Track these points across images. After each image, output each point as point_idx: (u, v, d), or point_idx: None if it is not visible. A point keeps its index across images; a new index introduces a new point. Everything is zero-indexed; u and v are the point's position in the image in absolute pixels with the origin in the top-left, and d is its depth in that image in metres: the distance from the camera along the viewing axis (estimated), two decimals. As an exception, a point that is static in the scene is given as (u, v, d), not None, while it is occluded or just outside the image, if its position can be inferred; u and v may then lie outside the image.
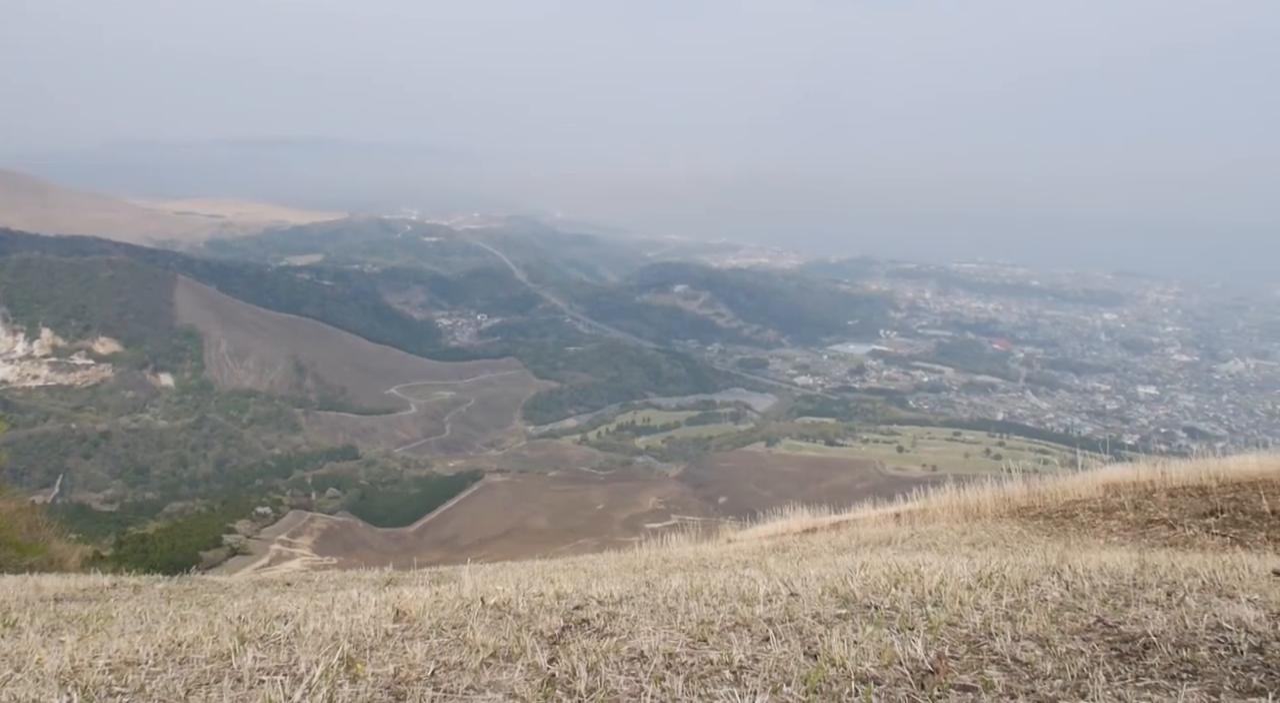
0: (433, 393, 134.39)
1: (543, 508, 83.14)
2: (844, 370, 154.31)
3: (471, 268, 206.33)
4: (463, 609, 3.97)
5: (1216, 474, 11.12)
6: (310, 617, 3.89)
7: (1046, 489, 12.14)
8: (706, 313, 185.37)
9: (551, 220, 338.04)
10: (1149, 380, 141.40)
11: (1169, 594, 3.69)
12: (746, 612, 3.64)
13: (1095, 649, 3.00)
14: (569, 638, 3.39)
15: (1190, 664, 2.81)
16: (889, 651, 2.96)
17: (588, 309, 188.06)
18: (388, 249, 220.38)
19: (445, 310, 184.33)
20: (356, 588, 6.07)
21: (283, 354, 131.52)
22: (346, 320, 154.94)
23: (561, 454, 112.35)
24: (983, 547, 8.45)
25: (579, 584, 4.86)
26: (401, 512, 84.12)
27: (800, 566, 5.82)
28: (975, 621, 3.34)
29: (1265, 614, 3.27)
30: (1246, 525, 8.79)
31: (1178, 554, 6.11)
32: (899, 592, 3.91)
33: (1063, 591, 3.84)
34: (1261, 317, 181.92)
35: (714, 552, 10.04)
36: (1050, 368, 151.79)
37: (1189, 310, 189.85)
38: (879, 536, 10.55)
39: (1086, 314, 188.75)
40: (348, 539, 72.91)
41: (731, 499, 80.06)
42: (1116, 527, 9.69)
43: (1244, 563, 4.71)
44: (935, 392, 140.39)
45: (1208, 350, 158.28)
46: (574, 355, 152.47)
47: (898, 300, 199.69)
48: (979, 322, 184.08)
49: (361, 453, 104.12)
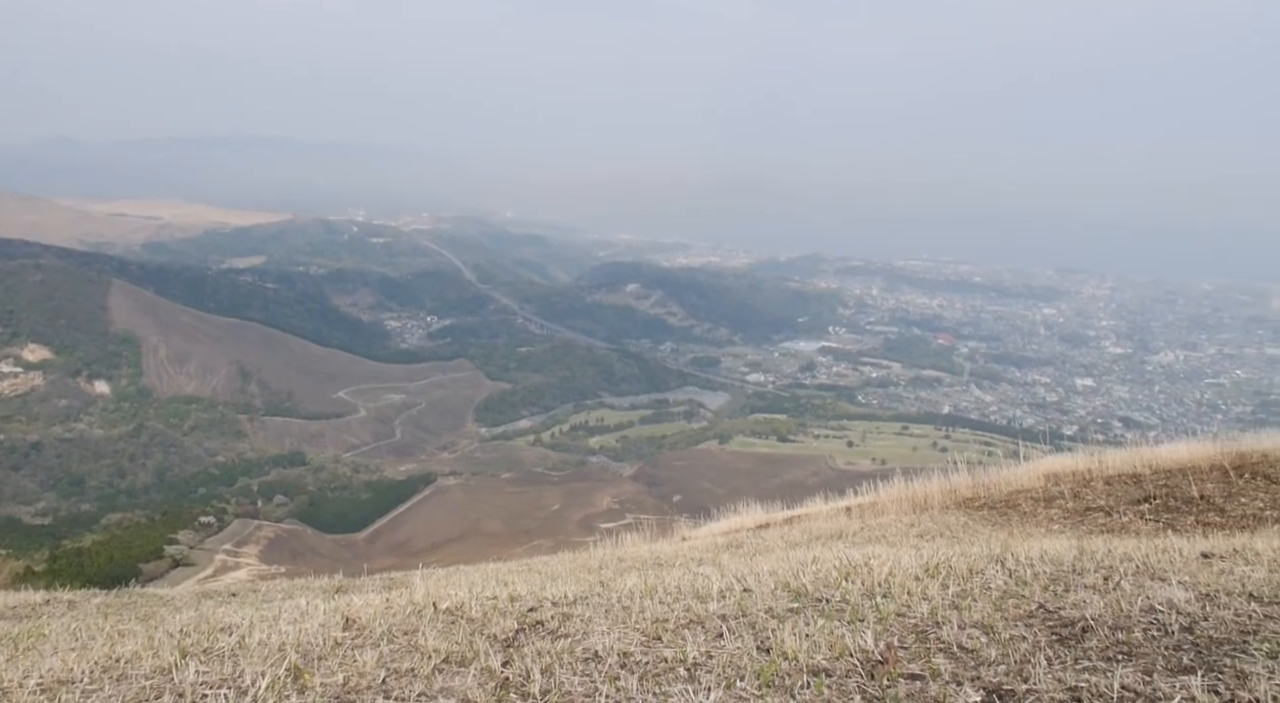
0: (382, 396, 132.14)
1: (497, 510, 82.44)
2: (795, 367, 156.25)
3: (420, 269, 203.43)
4: (414, 615, 3.91)
5: (1149, 462, 11.55)
6: (256, 628, 3.78)
7: (991, 480, 12.46)
8: (658, 312, 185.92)
9: (501, 220, 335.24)
10: (1086, 372, 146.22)
11: (1106, 579, 3.82)
12: (700, 609, 3.66)
13: (1037, 634, 3.09)
14: (523, 641, 3.36)
15: (1126, 646, 2.92)
16: (840, 643, 3.01)
17: (539, 309, 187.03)
18: (333, 250, 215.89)
19: (394, 312, 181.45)
20: (305, 597, 5.94)
21: (225, 359, 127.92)
22: (292, 323, 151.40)
23: (515, 456, 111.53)
24: (930, 538, 8.64)
25: (533, 586, 4.83)
26: (352, 518, 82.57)
27: (753, 561, 5.87)
28: (923, 610, 3.42)
29: (1194, 595, 3.41)
30: (1177, 511, 9.15)
31: (1114, 540, 6.33)
32: (849, 585, 3.98)
33: (1006, 578, 3.95)
34: (1189, 310, 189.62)
35: (669, 550, 10.08)
36: (993, 362, 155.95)
37: (1123, 304, 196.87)
38: (831, 529, 10.70)
39: (1027, 309, 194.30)
40: (296, 547, 71.27)
41: (686, 497, 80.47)
42: (1057, 515, 10.00)
43: (1175, 547, 4.90)
44: (883, 387, 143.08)
45: (1140, 343, 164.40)
46: (526, 356, 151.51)
47: (846, 297, 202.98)
48: (924, 317, 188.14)
49: (309, 459, 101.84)
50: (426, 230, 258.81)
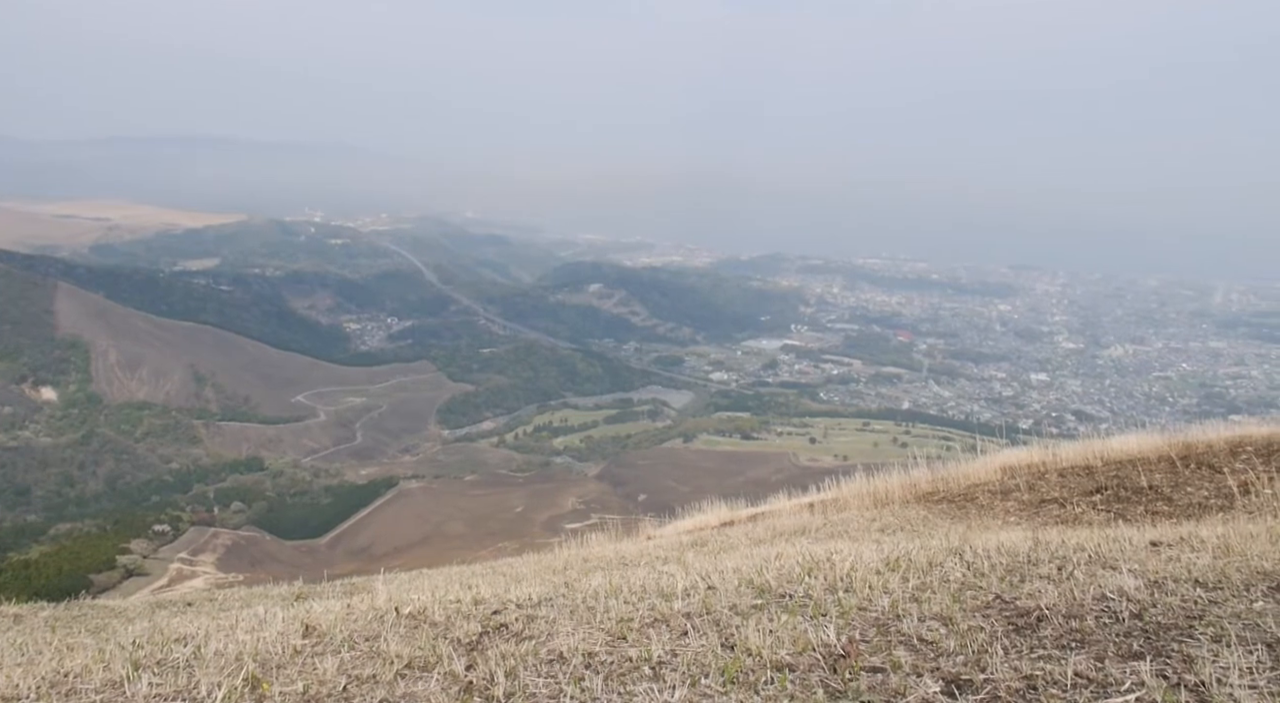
0: (343, 399, 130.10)
1: (460, 513, 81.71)
2: (758, 365, 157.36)
3: (380, 270, 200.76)
4: (376, 620, 3.86)
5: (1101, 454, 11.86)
6: (212, 637, 3.70)
7: (949, 474, 12.68)
8: (622, 312, 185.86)
9: (462, 221, 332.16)
10: (1040, 367, 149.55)
11: (1059, 569, 3.92)
12: (665, 607, 3.67)
13: (994, 625, 3.15)
14: (487, 644, 3.34)
15: (1079, 634, 2.99)
16: (803, 638, 3.04)
17: (502, 310, 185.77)
18: (290, 252, 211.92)
19: (353, 314, 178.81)
20: (264, 604, 5.82)
21: (179, 363, 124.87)
22: (248, 326, 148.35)
23: (478, 458, 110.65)
24: (891, 532, 8.77)
25: (497, 589, 4.79)
26: (312, 523, 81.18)
27: (718, 559, 5.90)
28: (884, 604, 3.46)
29: (1144, 583, 3.51)
30: (1128, 501, 9.41)
31: (1068, 531, 6.48)
32: (812, 580, 4.02)
33: (964, 571, 4.02)
34: (1137, 305, 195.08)
35: (634, 549, 10.08)
36: (951, 358, 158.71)
37: (1074, 300, 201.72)
38: (794, 526, 10.80)
39: (983, 306, 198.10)
40: (255, 554, 69.86)
41: (651, 496, 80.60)
42: (1013, 507, 10.21)
43: (1125, 536, 5.04)
44: (845, 384, 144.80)
45: (1091, 338, 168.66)
46: (489, 357, 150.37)
47: (807, 296, 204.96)
48: (884, 315, 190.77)
49: (268, 464, 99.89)
50: (386, 231, 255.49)
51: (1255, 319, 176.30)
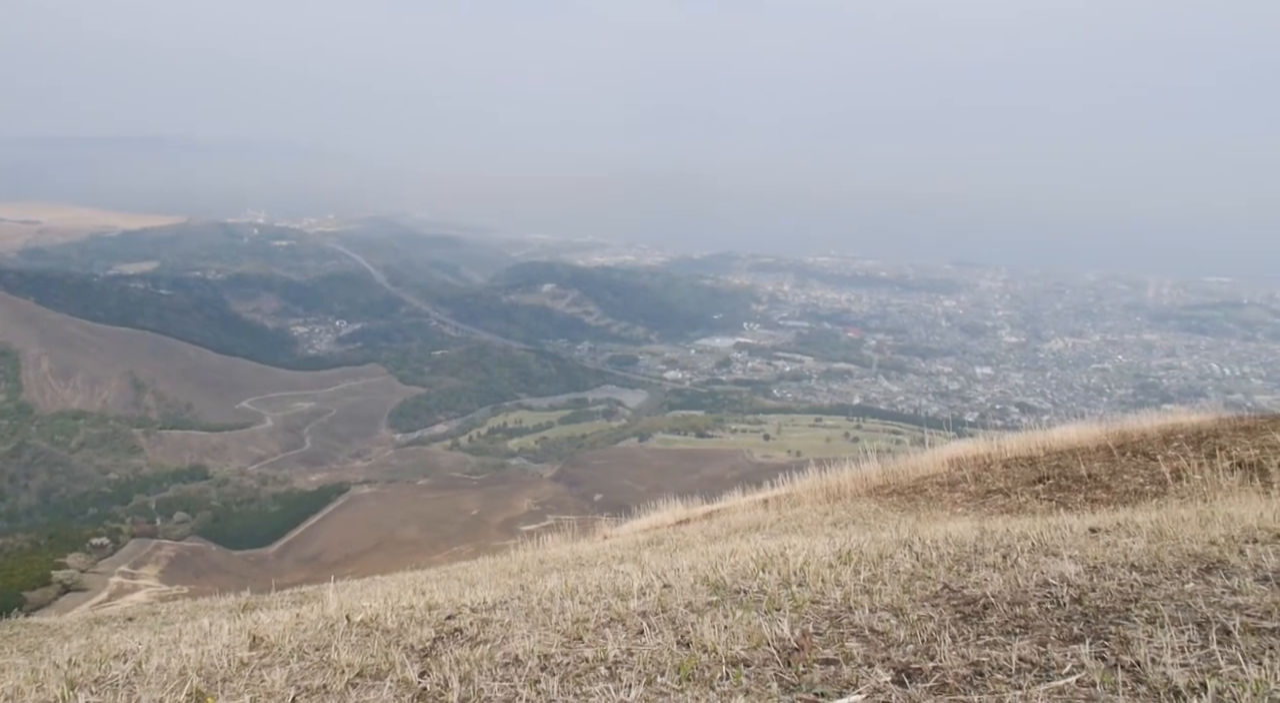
0: (290, 405, 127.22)
1: (414, 518, 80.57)
2: (711, 364, 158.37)
3: (327, 272, 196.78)
4: (326, 629, 3.78)
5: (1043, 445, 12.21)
6: (154, 652, 3.58)
7: (899, 468, 12.93)
8: (575, 311, 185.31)
9: (412, 221, 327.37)
10: (985, 361, 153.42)
11: (1004, 557, 4.02)
12: (621, 607, 3.67)
13: (942, 613, 3.22)
14: (441, 649, 3.30)
15: (1023, 620, 3.08)
16: (757, 633, 3.07)
17: (454, 312, 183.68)
18: (233, 254, 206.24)
19: (300, 318, 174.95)
20: (209, 617, 5.66)
21: (116, 370, 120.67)
22: (189, 331, 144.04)
23: (432, 461, 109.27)
24: (843, 526, 8.90)
25: (452, 593, 4.74)
26: (260, 532, 79.26)
27: (674, 557, 5.92)
28: (836, 596, 3.52)
29: (1083, 568, 3.63)
30: (1069, 489, 9.71)
31: (1012, 520, 6.65)
32: (766, 575, 4.06)
33: (914, 562, 4.10)
34: (1075, 300, 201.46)
35: (590, 549, 10.06)
36: (899, 353, 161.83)
37: (1016, 296, 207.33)
38: (749, 522, 10.90)
39: (929, 302, 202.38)
40: (200, 565, 67.92)
41: (607, 496, 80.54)
42: (960, 498, 10.45)
43: (1066, 524, 5.19)
44: (797, 380, 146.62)
45: (1033, 332, 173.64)
46: (441, 359, 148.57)
47: (759, 294, 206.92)
48: (834, 312, 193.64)
49: (212, 472, 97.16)
50: (333, 233, 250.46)
51: (1185, 312, 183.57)
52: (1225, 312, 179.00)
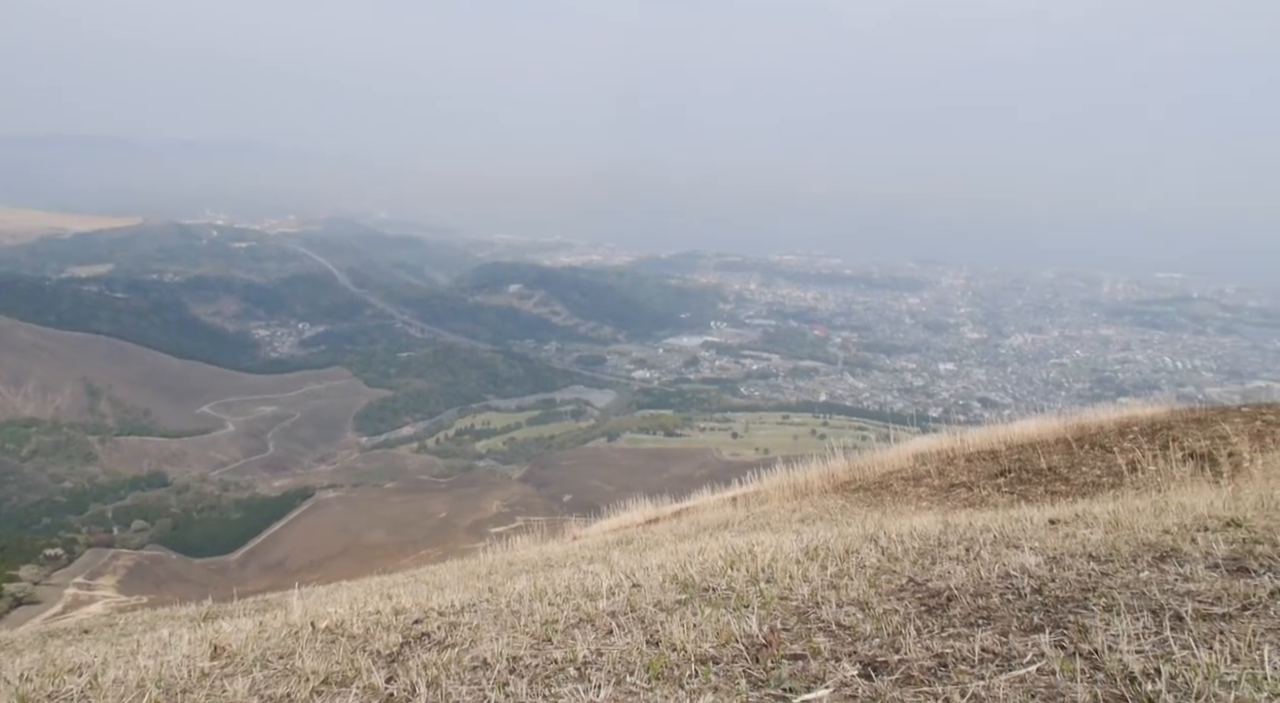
0: (252, 409, 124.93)
1: (381, 522, 79.63)
2: (679, 363, 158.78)
3: (289, 274, 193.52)
4: (291, 637, 3.72)
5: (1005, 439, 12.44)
6: (111, 665, 3.50)
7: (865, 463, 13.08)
8: (542, 312, 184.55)
9: (375, 222, 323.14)
10: (948, 357, 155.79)
11: (967, 550, 4.09)
12: (590, 607, 3.67)
13: (908, 607, 3.27)
14: (408, 654, 3.27)
15: (986, 611, 3.13)
16: (726, 630, 3.08)
17: (419, 313, 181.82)
18: (191, 256, 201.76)
19: (262, 320, 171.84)
20: (169, 627, 5.54)
21: (70, 376, 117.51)
22: (147, 336, 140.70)
23: (399, 464, 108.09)
24: (811, 522, 8.99)
25: (419, 597, 4.69)
26: (222, 539, 77.75)
27: (643, 556, 5.93)
28: (804, 592, 3.55)
29: (1043, 559, 3.70)
30: (1029, 482, 9.90)
31: (975, 513, 6.77)
32: (735, 572, 4.08)
33: (879, 556, 4.16)
34: (1034, 296, 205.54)
35: (559, 550, 10.04)
36: (864, 350, 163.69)
37: (977, 293, 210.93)
38: (717, 520, 10.95)
39: (893, 299, 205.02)
40: (159, 575, 66.39)
41: (576, 496, 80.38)
42: (925, 492, 10.61)
43: (1027, 516, 5.30)
44: (764, 378, 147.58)
45: (994, 328, 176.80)
46: (406, 361, 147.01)
47: (726, 292, 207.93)
48: (800, 310, 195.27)
49: (172, 479, 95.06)
50: (294, 234, 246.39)
51: (1139, 307, 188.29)
52: (1177, 306, 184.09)
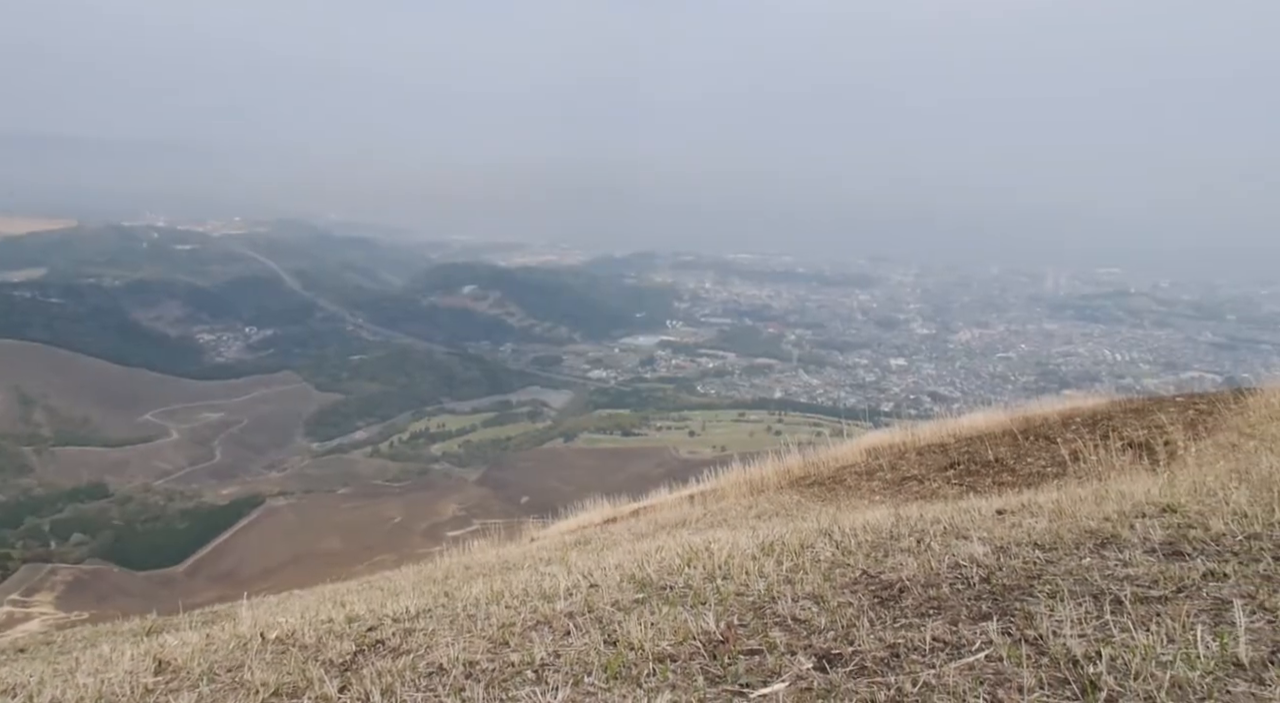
0: (198, 416, 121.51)
1: (334, 528, 78.19)
2: (635, 362, 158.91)
3: (235, 277, 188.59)
4: (239, 649, 3.63)
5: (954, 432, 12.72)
6: (48, 684, 3.37)
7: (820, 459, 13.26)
8: (497, 313, 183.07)
9: (325, 223, 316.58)
10: (898, 353, 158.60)
11: (918, 541, 4.17)
12: (548, 609, 3.65)
13: (861, 599, 3.32)
14: (362, 662, 3.21)
15: (936, 601, 3.20)
16: (683, 627, 3.09)
17: (371, 315, 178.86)
18: (131, 260, 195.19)
19: (206, 325, 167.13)
20: (110, 643, 5.36)
21: (1, 386, 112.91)
22: (84, 342, 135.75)
23: (352, 469, 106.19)
24: (767, 518, 9.07)
25: (373, 604, 4.62)
26: (167, 550, 75.53)
27: (601, 556, 5.92)
28: (760, 588, 3.58)
29: (991, 549, 3.80)
30: (978, 473, 10.14)
31: (926, 505, 6.91)
32: (692, 570, 4.10)
33: (834, 550, 4.22)
34: (981, 292, 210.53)
35: (517, 553, 9.97)
36: (818, 347, 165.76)
37: (926, 290, 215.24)
38: (675, 518, 10.99)
39: (845, 296, 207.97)
40: (101, 589, 64.26)
41: (534, 498, 79.88)
42: (878, 486, 10.79)
43: (976, 507, 5.42)
44: (720, 376, 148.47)
45: (942, 324, 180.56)
46: (359, 364, 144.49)
47: (681, 291, 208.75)
48: (754, 308, 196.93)
49: (113, 490, 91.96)
50: (240, 235, 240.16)
51: (1080, 302, 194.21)
52: (1115, 301, 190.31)
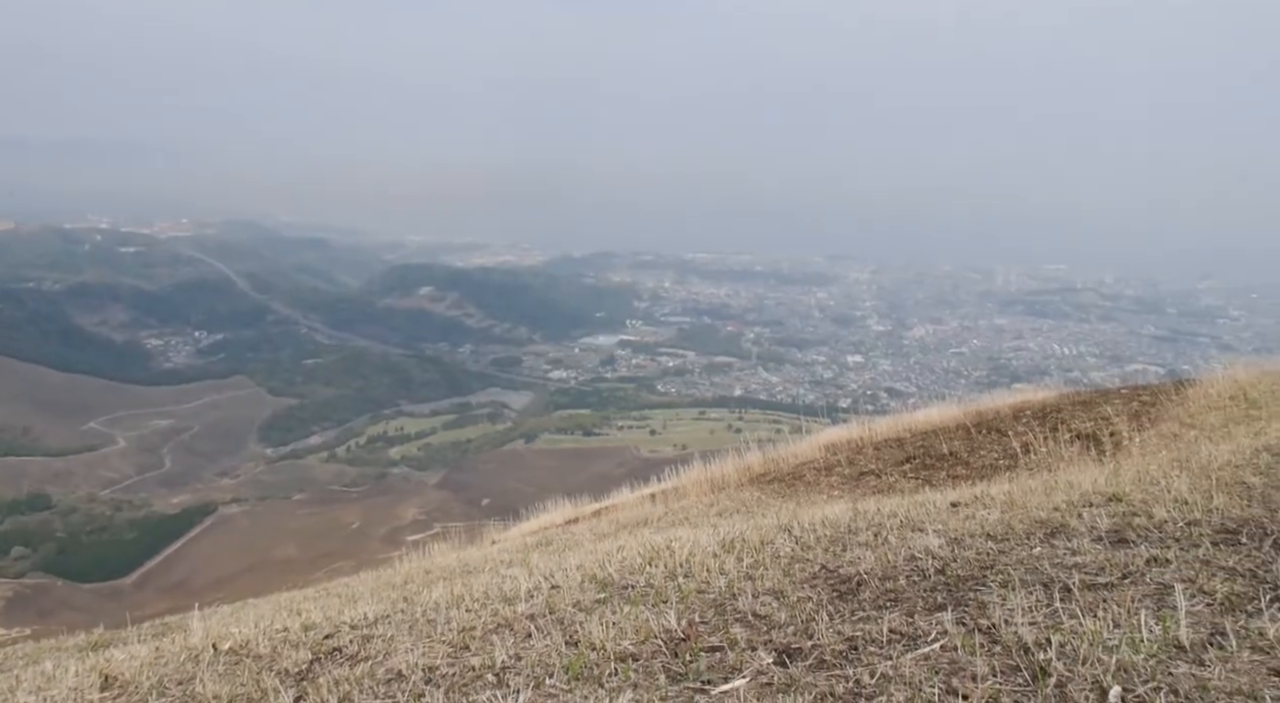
0: (146, 423, 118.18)
1: (290, 535, 76.66)
2: (596, 362, 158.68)
3: (183, 280, 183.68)
4: (190, 661, 3.54)
5: (909, 427, 12.94)
6: (-13, 705, 3.25)
7: (779, 455, 13.38)
8: (455, 314, 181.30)
9: (276, 224, 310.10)
10: (855, 350, 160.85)
11: (876, 535, 4.23)
12: (508, 612, 3.62)
13: (820, 593, 3.36)
14: (318, 671, 3.15)
15: (893, 593, 3.25)
16: (645, 626, 3.10)
17: (326, 318, 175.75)
18: (73, 263, 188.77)
19: (154, 329, 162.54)
20: (53, 659, 5.18)
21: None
22: (23, 348, 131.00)
23: (308, 475, 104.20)
24: (728, 515, 9.13)
25: (330, 611, 4.54)
26: (115, 562, 73.34)
27: (562, 557, 5.90)
28: (721, 585, 3.60)
29: (946, 541, 3.87)
30: (933, 467, 10.33)
31: (883, 499, 7.01)
32: (653, 569, 4.11)
33: (793, 545, 4.26)
34: (935, 289, 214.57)
35: (478, 555, 9.89)
36: (776, 345, 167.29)
37: (882, 287, 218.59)
38: (637, 517, 11.00)
39: (803, 294, 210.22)
40: (44, 604, 62.14)
41: (495, 500, 79.27)
42: (836, 481, 10.93)
43: (931, 499, 5.52)
44: (680, 375, 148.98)
45: (898, 320, 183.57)
46: (314, 368, 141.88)
47: (640, 291, 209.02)
48: (713, 306, 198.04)
49: (56, 501, 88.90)
50: (188, 237, 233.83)
51: (1029, 297, 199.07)
52: (1063, 296, 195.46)
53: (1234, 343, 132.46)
